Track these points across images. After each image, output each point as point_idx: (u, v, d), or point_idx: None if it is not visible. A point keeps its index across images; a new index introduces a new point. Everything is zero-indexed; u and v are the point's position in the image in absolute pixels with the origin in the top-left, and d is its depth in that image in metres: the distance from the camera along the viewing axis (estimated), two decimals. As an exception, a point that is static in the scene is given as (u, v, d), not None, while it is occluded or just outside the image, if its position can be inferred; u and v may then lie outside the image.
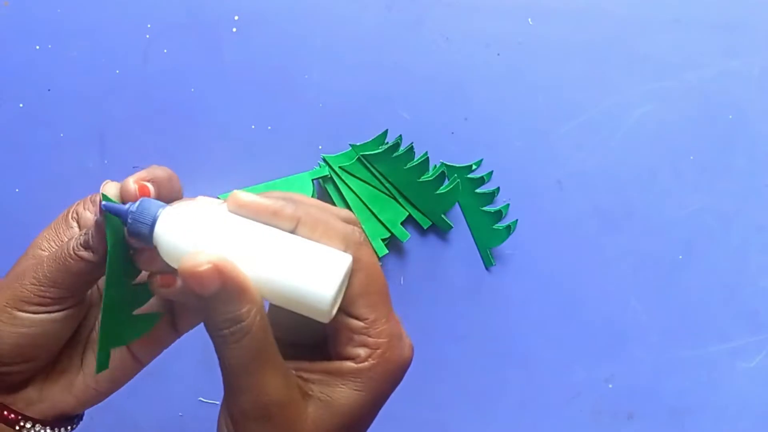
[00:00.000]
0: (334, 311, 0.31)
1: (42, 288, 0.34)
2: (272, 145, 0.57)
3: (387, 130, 0.56)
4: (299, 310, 0.31)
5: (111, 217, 0.32)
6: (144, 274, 0.35)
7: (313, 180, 0.55)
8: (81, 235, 0.34)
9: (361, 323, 0.32)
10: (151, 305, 0.37)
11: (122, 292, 0.34)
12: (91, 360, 0.37)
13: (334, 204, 0.56)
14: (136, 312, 0.35)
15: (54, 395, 0.36)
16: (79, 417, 0.39)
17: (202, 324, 0.35)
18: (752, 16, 0.60)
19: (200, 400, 0.56)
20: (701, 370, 0.59)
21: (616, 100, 0.59)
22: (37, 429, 0.36)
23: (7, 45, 0.56)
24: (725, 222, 0.59)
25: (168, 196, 0.35)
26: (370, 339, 0.32)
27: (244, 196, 0.32)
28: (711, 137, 0.59)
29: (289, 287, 0.30)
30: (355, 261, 0.32)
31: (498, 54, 0.59)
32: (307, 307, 0.30)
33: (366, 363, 0.32)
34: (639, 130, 0.59)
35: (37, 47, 0.56)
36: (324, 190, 0.56)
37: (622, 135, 0.59)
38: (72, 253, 0.33)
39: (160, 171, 0.35)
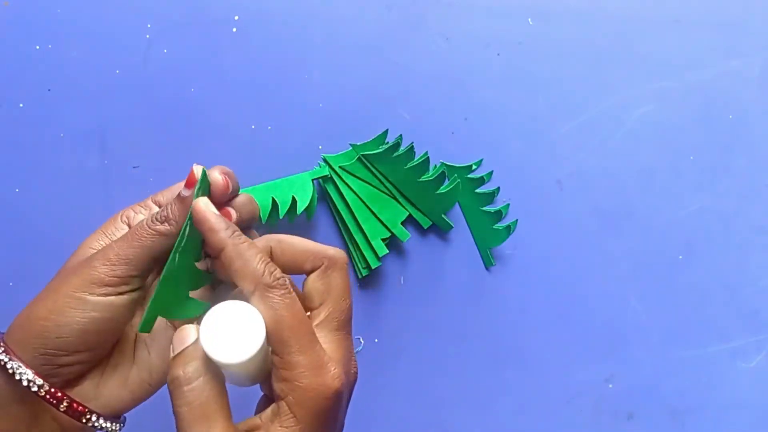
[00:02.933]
0: (254, 380, 0.35)
1: (114, 267, 0.36)
2: (272, 145, 0.57)
3: (387, 129, 0.56)
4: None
5: (198, 191, 0.36)
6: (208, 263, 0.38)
7: (313, 180, 0.55)
8: (159, 211, 0.37)
9: (279, 358, 0.33)
10: (202, 297, 0.39)
11: (183, 268, 0.36)
12: (143, 355, 0.39)
13: (334, 203, 0.56)
14: (190, 294, 0.37)
15: (110, 390, 0.38)
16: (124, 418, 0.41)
17: None
18: (752, 16, 0.60)
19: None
20: (701, 370, 0.59)
21: (616, 100, 0.59)
22: (101, 422, 0.37)
23: (7, 45, 0.56)
24: (725, 222, 0.59)
25: (236, 189, 0.40)
26: (284, 372, 0.33)
27: (202, 203, 0.36)
28: (711, 137, 0.59)
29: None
30: (263, 302, 0.33)
31: (498, 54, 0.59)
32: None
33: (288, 398, 0.33)
34: (639, 130, 0.59)
35: (37, 47, 0.56)
36: (324, 190, 0.56)
37: (622, 135, 0.59)
38: (148, 228, 0.36)
39: (227, 168, 0.39)
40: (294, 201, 0.54)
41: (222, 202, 0.39)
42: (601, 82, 0.59)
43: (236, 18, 0.57)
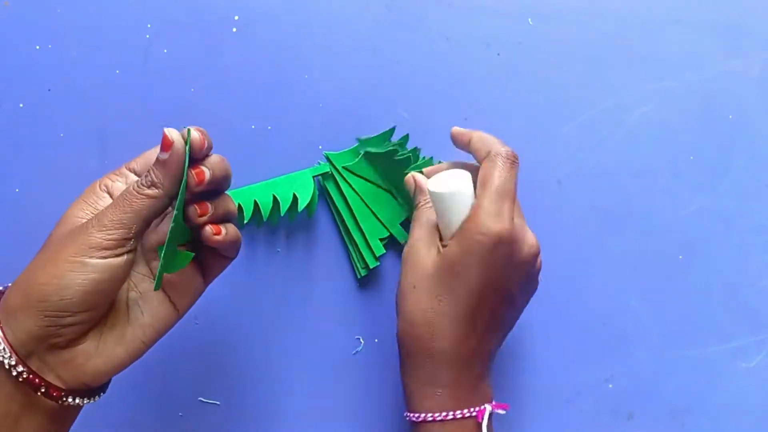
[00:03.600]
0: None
1: (109, 232, 0.38)
2: (272, 145, 0.57)
3: (395, 127, 0.56)
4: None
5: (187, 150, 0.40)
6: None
7: (314, 177, 0.55)
8: (144, 177, 0.40)
9: (474, 200, 0.46)
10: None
11: (178, 227, 0.41)
12: (137, 315, 0.42)
13: (334, 202, 0.56)
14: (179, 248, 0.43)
15: (108, 348, 0.40)
16: (105, 386, 0.44)
17: (202, 329, 0.37)
18: (752, 16, 0.60)
19: (200, 401, 0.56)
20: (701, 370, 0.59)
21: (616, 100, 0.59)
22: (77, 401, 0.40)
23: (7, 45, 0.56)
24: (725, 222, 0.59)
25: (209, 149, 0.43)
26: (473, 210, 0.45)
27: (455, 129, 0.51)
28: (711, 137, 0.59)
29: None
30: (487, 162, 0.46)
31: (498, 54, 0.59)
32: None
33: (464, 224, 0.45)
34: (639, 130, 0.59)
35: (37, 47, 0.56)
36: (324, 188, 0.56)
37: (622, 135, 0.59)
38: (137, 193, 0.40)
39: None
40: (295, 198, 0.54)
41: (197, 159, 0.42)
42: (601, 82, 0.59)
43: (236, 18, 0.57)
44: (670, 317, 0.59)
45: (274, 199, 0.54)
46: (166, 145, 0.40)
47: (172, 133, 0.40)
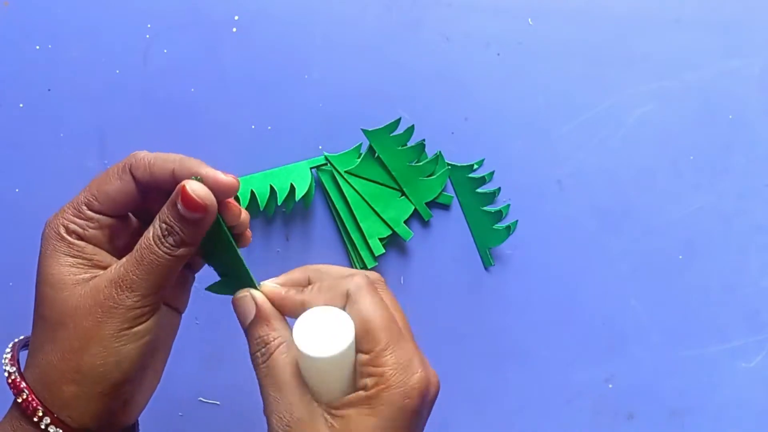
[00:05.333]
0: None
1: (146, 299, 0.36)
2: (272, 145, 0.57)
3: (400, 118, 0.56)
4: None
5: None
6: None
7: (311, 168, 0.56)
8: (168, 235, 0.36)
9: (365, 356, 0.35)
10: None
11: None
12: (156, 330, 0.38)
13: (331, 199, 0.56)
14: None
15: (148, 385, 0.40)
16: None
17: (202, 329, 0.36)
18: (752, 16, 0.60)
19: (200, 400, 0.56)
20: (701, 370, 0.59)
21: (616, 100, 0.59)
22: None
23: (7, 45, 0.56)
24: (725, 222, 0.59)
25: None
26: (372, 368, 0.35)
27: (267, 289, 0.39)
28: (711, 137, 0.59)
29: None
30: (355, 305, 0.36)
31: (498, 54, 0.59)
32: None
33: (372, 390, 0.34)
34: (639, 130, 0.59)
35: (37, 47, 0.56)
36: (320, 180, 0.56)
37: (622, 135, 0.59)
38: (167, 255, 0.36)
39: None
40: (292, 188, 0.54)
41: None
42: (601, 82, 0.59)
43: (236, 18, 0.57)
44: (670, 317, 0.59)
45: (271, 189, 0.55)
46: (197, 206, 0.35)
47: (201, 194, 0.35)
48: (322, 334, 0.34)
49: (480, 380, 0.58)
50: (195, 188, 0.35)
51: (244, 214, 0.39)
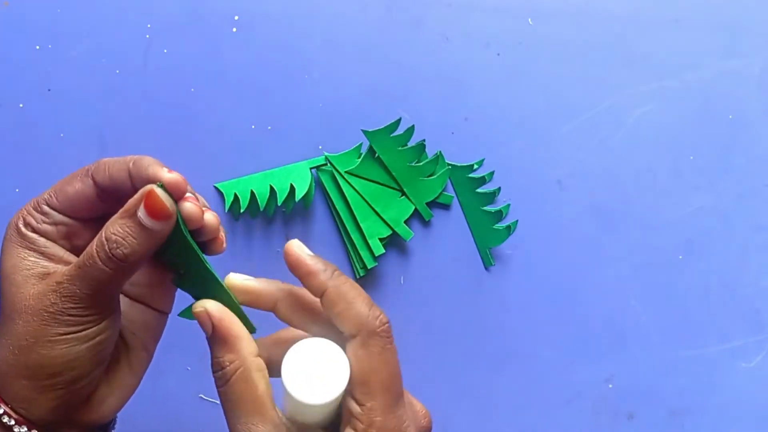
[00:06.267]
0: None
1: (81, 309, 0.35)
2: (272, 145, 0.57)
3: (400, 118, 0.56)
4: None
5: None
6: None
7: (311, 168, 0.56)
8: (115, 244, 0.34)
9: (357, 408, 0.33)
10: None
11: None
12: (130, 337, 0.39)
13: (331, 199, 0.56)
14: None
15: (120, 382, 0.39)
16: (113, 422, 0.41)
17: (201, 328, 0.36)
18: (752, 16, 0.60)
19: (201, 398, 0.56)
20: (701, 370, 0.59)
21: (616, 100, 0.59)
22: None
23: (7, 45, 0.56)
24: (725, 222, 0.59)
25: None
26: (359, 425, 0.33)
27: (295, 246, 0.35)
28: (711, 137, 0.59)
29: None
30: (364, 348, 0.33)
31: (498, 54, 0.59)
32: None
33: None
34: (639, 130, 0.59)
35: (37, 47, 0.56)
36: (320, 180, 0.56)
37: (622, 135, 0.59)
38: (114, 263, 0.34)
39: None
40: (292, 188, 0.54)
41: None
42: (601, 82, 0.59)
43: (236, 18, 0.57)
44: (670, 317, 0.59)
45: (271, 189, 0.55)
46: (155, 211, 0.33)
47: (166, 202, 0.33)
48: (314, 374, 0.32)
49: (480, 380, 0.58)
50: (162, 195, 0.33)
51: (211, 216, 0.36)
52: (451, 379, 0.58)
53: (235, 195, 0.55)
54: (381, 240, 0.56)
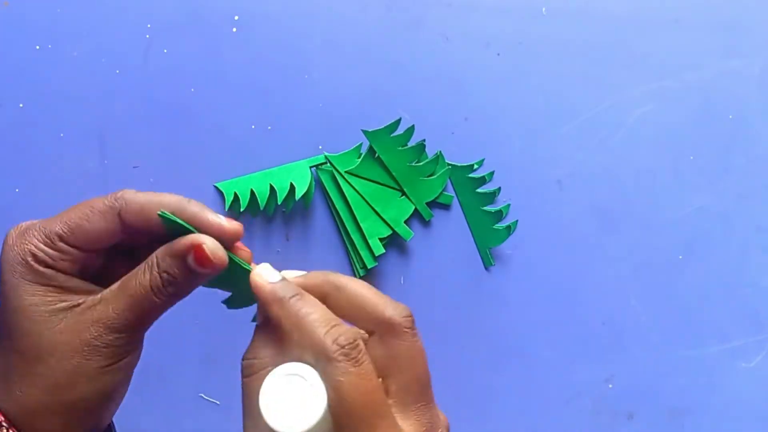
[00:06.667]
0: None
1: (130, 337, 0.34)
2: (272, 144, 0.57)
3: (400, 118, 0.56)
4: None
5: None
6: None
7: (311, 167, 0.56)
8: (165, 281, 0.34)
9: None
10: None
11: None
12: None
13: (331, 199, 0.56)
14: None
15: (120, 393, 0.37)
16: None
17: (202, 328, 0.36)
18: (752, 16, 0.60)
19: (201, 396, 0.56)
20: (701, 370, 0.59)
21: (616, 100, 0.59)
22: None
23: (7, 45, 0.56)
24: (725, 222, 0.59)
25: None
26: None
27: (257, 279, 0.33)
28: (711, 137, 0.59)
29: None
30: (326, 376, 0.30)
31: (498, 54, 0.59)
32: None
33: None
34: (639, 130, 0.59)
35: (37, 47, 0.56)
36: (319, 179, 0.56)
37: (622, 135, 0.59)
38: (158, 296, 0.34)
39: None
40: (292, 187, 0.55)
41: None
42: (601, 82, 0.59)
43: (236, 18, 0.57)
44: (670, 317, 0.59)
45: (271, 188, 0.55)
46: (211, 264, 0.33)
47: (217, 252, 0.33)
48: (291, 403, 0.30)
49: (480, 380, 0.58)
50: (211, 247, 0.33)
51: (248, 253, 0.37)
52: (451, 379, 0.58)
53: (235, 194, 0.55)
54: (381, 240, 0.56)
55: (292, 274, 0.35)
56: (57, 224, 0.34)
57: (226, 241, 0.34)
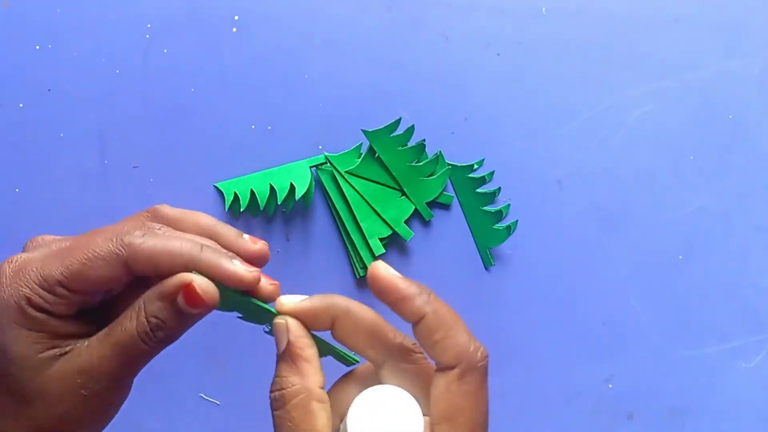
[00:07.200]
0: None
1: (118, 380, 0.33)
2: (272, 144, 0.57)
3: (400, 118, 0.56)
4: None
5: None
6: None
7: (311, 167, 0.56)
8: (154, 326, 0.32)
9: None
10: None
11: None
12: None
13: (331, 199, 0.56)
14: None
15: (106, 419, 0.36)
16: None
17: (202, 329, 0.35)
18: (752, 16, 0.60)
19: (201, 397, 0.56)
20: (701, 370, 0.59)
21: (616, 100, 0.59)
22: None
23: (7, 45, 0.56)
24: (725, 222, 0.59)
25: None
26: None
27: (382, 269, 0.31)
28: (711, 137, 0.59)
29: None
30: (460, 382, 0.30)
31: (498, 54, 0.59)
32: None
33: None
34: (639, 130, 0.59)
35: (37, 47, 0.56)
36: (319, 179, 0.56)
37: (622, 135, 0.59)
38: (145, 342, 0.32)
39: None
40: (292, 187, 0.55)
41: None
42: (601, 82, 0.59)
43: (236, 18, 0.57)
44: (670, 317, 0.59)
45: (271, 188, 0.55)
46: (202, 304, 0.32)
47: (208, 291, 0.31)
48: (384, 427, 0.29)
49: (480, 380, 0.58)
50: (202, 285, 0.31)
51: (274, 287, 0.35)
52: (451, 379, 0.58)
53: (235, 194, 0.55)
54: (381, 240, 0.56)
55: (295, 300, 0.33)
56: (57, 267, 0.32)
57: (245, 287, 0.32)
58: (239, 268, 0.32)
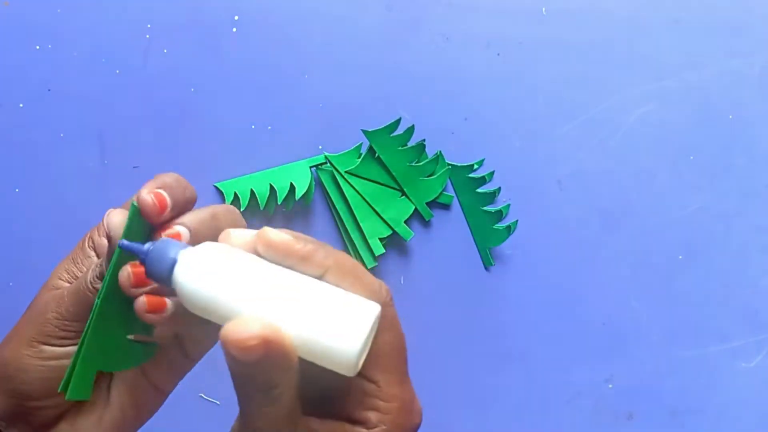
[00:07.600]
0: (360, 364, 0.29)
1: (65, 322, 0.34)
2: (272, 144, 0.57)
3: (400, 118, 0.56)
4: (323, 362, 0.29)
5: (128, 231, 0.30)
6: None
7: (311, 167, 0.56)
8: (96, 266, 0.33)
9: (373, 386, 0.31)
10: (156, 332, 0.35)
11: (120, 311, 0.32)
12: (120, 394, 0.37)
13: (331, 199, 0.56)
14: (132, 337, 0.34)
15: (85, 430, 0.36)
16: None
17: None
18: (752, 16, 0.60)
19: (201, 397, 0.56)
20: (701, 370, 0.59)
21: (616, 100, 0.59)
22: None
23: (7, 45, 0.56)
24: (725, 222, 0.59)
25: (182, 203, 0.32)
26: (381, 403, 0.31)
27: (274, 234, 0.29)
28: (711, 137, 0.59)
29: (315, 339, 0.28)
30: (384, 323, 0.30)
31: (498, 54, 0.59)
32: (333, 360, 0.28)
33: (376, 429, 0.30)
34: (639, 130, 0.59)
35: (37, 47, 0.56)
36: (319, 179, 0.56)
37: (622, 135, 0.59)
38: (89, 285, 0.33)
39: (168, 178, 0.32)
40: (292, 187, 0.55)
41: (164, 221, 0.32)
42: (601, 82, 0.59)
43: (236, 18, 0.57)
44: (670, 317, 0.59)
45: (271, 188, 0.55)
46: (107, 233, 0.32)
47: (111, 218, 0.32)
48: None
49: (480, 380, 0.58)
50: (108, 215, 0.32)
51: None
52: (451, 378, 0.58)
53: (235, 194, 0.55)
54: (381, 240, 0.56)
55: (248, 234, 0.31)
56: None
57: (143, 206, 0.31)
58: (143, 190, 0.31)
